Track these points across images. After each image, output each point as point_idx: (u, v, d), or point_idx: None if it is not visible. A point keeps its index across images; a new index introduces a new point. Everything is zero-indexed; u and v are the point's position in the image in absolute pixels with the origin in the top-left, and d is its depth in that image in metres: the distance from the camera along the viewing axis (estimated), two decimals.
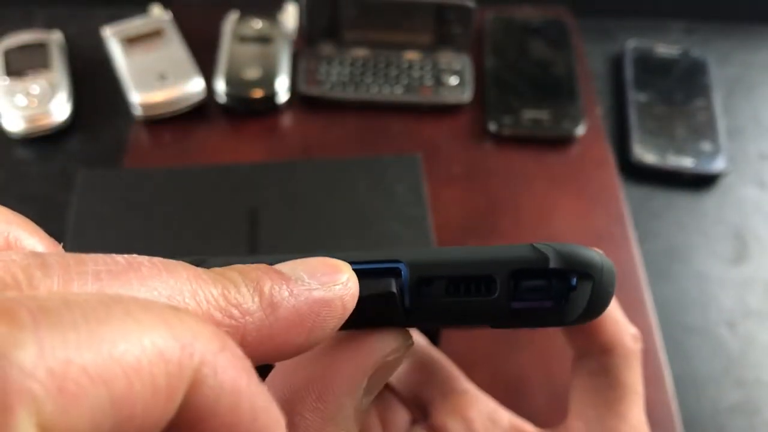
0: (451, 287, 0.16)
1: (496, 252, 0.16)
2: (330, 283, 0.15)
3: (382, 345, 0.17)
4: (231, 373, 0.12)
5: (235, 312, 0.14)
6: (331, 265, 0.16)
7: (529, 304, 0.16)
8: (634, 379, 0.24)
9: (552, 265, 0.15)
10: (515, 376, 0.42)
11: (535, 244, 0.16)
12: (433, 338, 0.39)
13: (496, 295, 0.15)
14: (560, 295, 0.16)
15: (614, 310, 0.25)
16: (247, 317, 0.14)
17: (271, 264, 0.16)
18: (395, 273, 0.16)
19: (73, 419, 0.10)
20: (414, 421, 0.29)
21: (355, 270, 0.16)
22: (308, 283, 0.15)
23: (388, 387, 0.30)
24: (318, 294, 0.15)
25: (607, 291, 0.16)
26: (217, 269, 0.15)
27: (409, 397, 0.29)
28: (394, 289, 0.16)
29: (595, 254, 0.16)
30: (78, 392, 0.10)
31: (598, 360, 0.24)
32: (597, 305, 0.16)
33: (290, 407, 0.17)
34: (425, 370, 0.29)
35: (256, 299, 0.14)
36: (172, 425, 0.12)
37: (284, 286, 0.15)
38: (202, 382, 0.12)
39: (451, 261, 0.16)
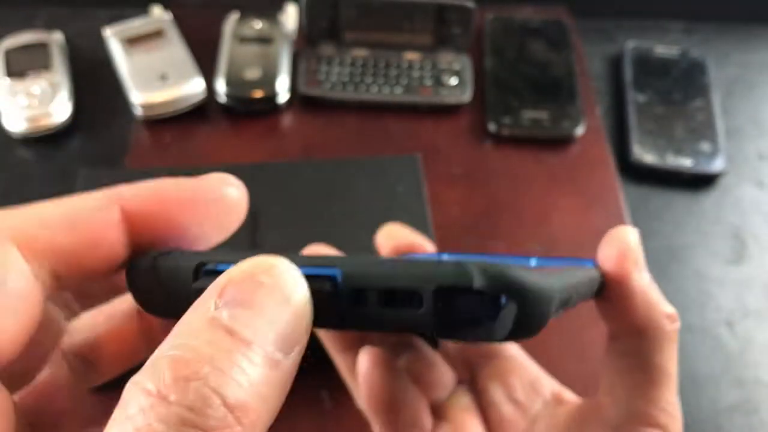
0: (382, 298, 0.16)
1: (425, 268, 0.16)
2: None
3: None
4: None
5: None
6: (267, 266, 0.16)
7: (455, 321, 0.16)
8: (667, 361, 0.23)
9: (476, 284, 0.15)
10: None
11: (463, 262, 0.15)
12: None
13: (423, 310, 0.16)
14: (487, 313, 0.15)
15: (648, 290, 0.23)
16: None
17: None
18: (332, 279, 0.16)
19: None
20: (460, 381, 0.29)
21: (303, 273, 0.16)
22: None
23: (435, 348, 0.30)
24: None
25: (537, 313, 0.15)
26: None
27: (456, 357, 0.30)
28: (329, 293, 0.16)
29: (523, 276, 0.15)
30: None
31: (631, 341, 0.24)
32: (526, 327, 0.15)
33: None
34: None
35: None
36: None
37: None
38: None
39: (383, 274, 0.16)
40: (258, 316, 0.15)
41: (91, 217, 0.18)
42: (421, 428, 0.26)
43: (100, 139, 0.54)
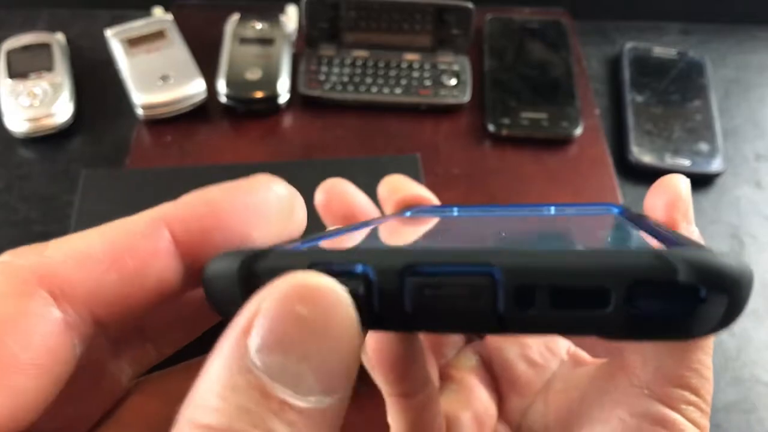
0: (555, 297, 0.13)
1: (613, 258, 0.13)
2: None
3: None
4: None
5: None
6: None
7: (646, 320, 0.13)
8: None
9: (681, 278, 0.13)
10: None
11: (658, 252, 0.13)
12: None
13: (610, 309, 0.13)
14: (687, 309, 0.13)
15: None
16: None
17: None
18: (489, 279, 0.13)
19: None
20: (468, 340, 0.28)
21: (438, 278, 0.14)
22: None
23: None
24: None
25: (744, 302, 0.14)
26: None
27: None
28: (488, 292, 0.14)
29: (732, 262, 0.13)
30: None
31: None
32: (730, 318, 0.14)
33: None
34: None
35: None
36: None
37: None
38: None
39: (556, 268, 0.13)
40: (299, 362, 0.12)
41: (137, 247, 0.15)
42: (432, 386, 0.23)
43: (101, 139, 0.55)
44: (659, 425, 0.20)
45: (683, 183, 0.21)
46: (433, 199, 0.28)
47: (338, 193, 0.28)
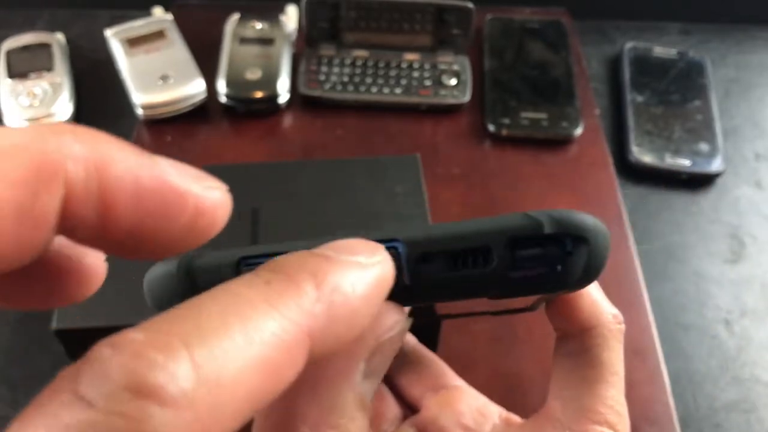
0: (449, 261, 0.16)
1: (491, 223, 0.16)
2: (375, 263, 0.15)
3: (372, 324, 0.16)
4: (120, 167, 0.13)
5: (304, 317, 0.13)
6: (370, 244, 0.15)
7: (526, 272, 0.16)
8: (614, 359, 0.24)
9: (546, 230, 0.15)
10: (513, 373, 0.42)
11: (528, 212, 0.16)
12: (432, 340, 0.39)
13: (494, 265, 0.16)
14: (556, 260, 0.16)
15: (594, 291, 0.24)
16: (312, 319, 0.13)
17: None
18: (393, 252, 0.16)
19: None
20: (404, 417, 0.29)
21: None
22: (359, 263, 0.14)
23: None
24: (371, 275, 0.14)
25: (603, 253, 0.16)
26: (268, 268, 0.14)
27: (399, 392, 0.30)
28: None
29: (589, 218, 0.16)
30: None
31: (578, 340, 0.24)
32: (593, 268, 0.16)
33: (284, 406, 0.17)
34: (415, 366, 0.29)
35: (314, 292, 0.13)
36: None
37: (340, 273, 0.14)
38: (77, 189, 0.13)
39: (447, 235, 0.16)
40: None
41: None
42: None
43: None
44: None
45: None
46: None
47: None
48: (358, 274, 0.14)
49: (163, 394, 0.11)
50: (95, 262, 0.16)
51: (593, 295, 0.24)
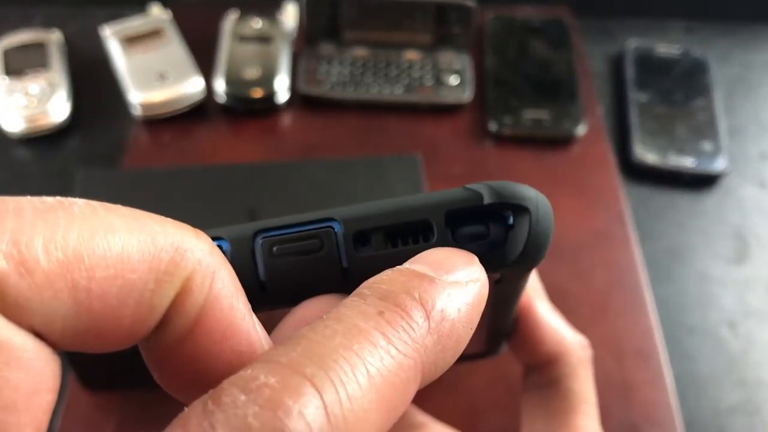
0: (388, 239, 0.15)
1: (429, 197, 0.15)
2: (474, 281, 0.14)
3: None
4: (225, 286, 0.13)
5: (413, 348, 0.13)
6: (464, 256, 0.14)
7: (468, 248, 0.15)
8: (583, 387, 0.23)
9: (486, 201, 0.15)
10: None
11: (467, 185, 0.15)
12: None
13: (434, 240, 0.15)
14: (498, 235, 0.15)
15: (554, 321, 0.24)
16: (425, 354, 0.13)
17: None
18: (329, 232, 0.15)
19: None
20: None
21: (285, 235, 0.15)
22: (459, 282, 0.14)
23: None
24: (471, 295, 0.14)
25: (545, 227, 0.15)
26: (375, 293, 0.13)
27: None
28: (330, 244, 0.15)
29: (529, 189, 0.15)
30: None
31: (545, 372, 0.24)
32: (536, 243, 0.15)
33: None
34: None
35: (425, 323, 0.13)
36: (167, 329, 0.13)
37: (446, 298, 0.13)
38: (193, 288, 0.13)
39: (385, 211, 0.15)
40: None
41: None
42: None
43: (98, 138, 0.54)
44: None
45: None
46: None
47: None
48: (461, 296, 0.14)
49: None
50: None
51: (553, 324, 0.23)
